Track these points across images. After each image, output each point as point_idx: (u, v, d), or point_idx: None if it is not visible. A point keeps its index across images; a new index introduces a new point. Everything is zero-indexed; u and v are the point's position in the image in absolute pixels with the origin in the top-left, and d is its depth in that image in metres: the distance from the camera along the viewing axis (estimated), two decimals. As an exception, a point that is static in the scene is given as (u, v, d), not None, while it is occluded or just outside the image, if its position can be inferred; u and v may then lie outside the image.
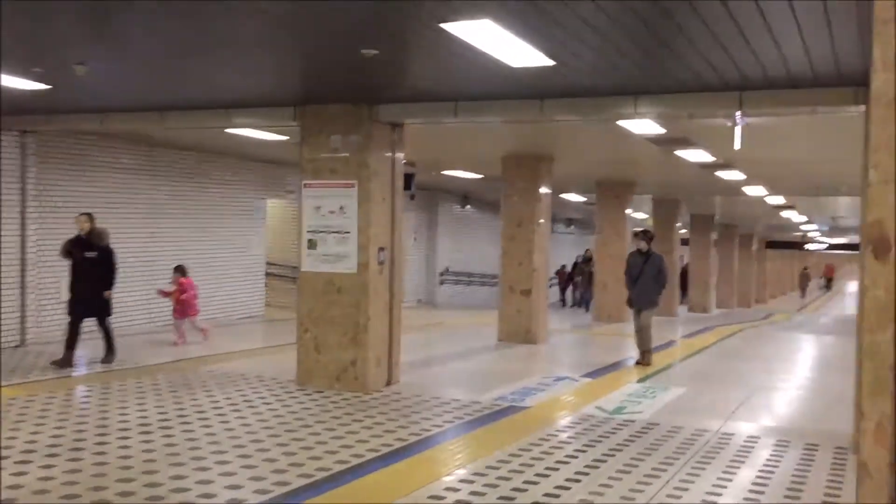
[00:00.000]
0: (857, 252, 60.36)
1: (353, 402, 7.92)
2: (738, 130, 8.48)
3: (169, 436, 6.42)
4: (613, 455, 6.25)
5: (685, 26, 5.14)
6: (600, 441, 6.67)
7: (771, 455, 6.44)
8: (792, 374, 11.45)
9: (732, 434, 7.09)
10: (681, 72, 6.38)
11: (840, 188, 17.14)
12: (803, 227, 32.52)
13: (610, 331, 16.16)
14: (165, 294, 11.80)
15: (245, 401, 7.79)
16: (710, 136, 10.20)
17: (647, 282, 10.72)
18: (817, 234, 36.74)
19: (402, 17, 5.31)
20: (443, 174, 17.22)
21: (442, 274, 22.34)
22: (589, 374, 10.07)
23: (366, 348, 8.46)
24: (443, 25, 5.27)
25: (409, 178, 16.78)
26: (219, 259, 14.89)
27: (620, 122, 9.06)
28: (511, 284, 13.17)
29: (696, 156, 11.94)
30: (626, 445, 6.56)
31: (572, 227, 32.79)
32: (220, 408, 7.45)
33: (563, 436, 6.84)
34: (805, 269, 52.99)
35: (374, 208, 8.50)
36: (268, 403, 7.72)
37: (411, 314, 15.86)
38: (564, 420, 7.50)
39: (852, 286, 65.36)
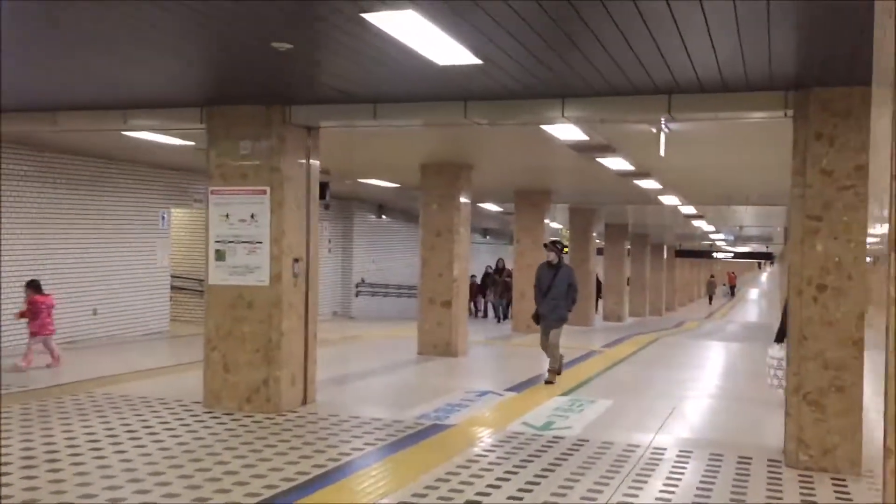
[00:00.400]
0: (758, 260, 62.29)
1: (265, 424, 7.34)
2: (662, 137, 8.35)
3: (56, 469, 5.72)
4: (546, 476, 5.90)
5: (621, 22, 4.85)
6: (531, 461, 6.31)
7: (707, 470, 6.21)
8: (712, 383, 11.42)
9: (664, 448, 6.85)
10: (611, 73, 6.11)
11: (750, 197, 17.47)
12: (712, 237, 33.31)
13: (529, 341, 15.88)
14: (21, 316, 10.53)
15: (145, 427, 7.11)
16: (633, 143, 10.06)
17: (557, 296, 9.98)
18: (724, 243, 37.78)
19: (320, 6, 4.85)
20: (358, 182, 16.72)
21: (358, 285, 21.77)
22: (513, 388, 9.75)
23: (279, 366, 7.90)
24: (364, 16, 4.84)
25: (323, 187, 16.27)
26: (118, 272, 13.98)
27: (544, 128, 8.78)
28: (431, 296, 12.77)
29: (616, 164, 11.82)
30: (559, 465, 6.22)
31: (488, 236, 32.70)
32: (117, 436, 6.76)
33: (493, 456, 6.46)
34: (712, 276, 54.60)
35: (288, 217, 7.97)
36: (171, 429, 7.06)
37: (327, 327, 15.25)
38: (492, 438, 7.11)
39: (753, 293, 67.84)
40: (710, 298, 53.18)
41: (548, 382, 10.01)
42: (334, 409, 8.10)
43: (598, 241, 25.50)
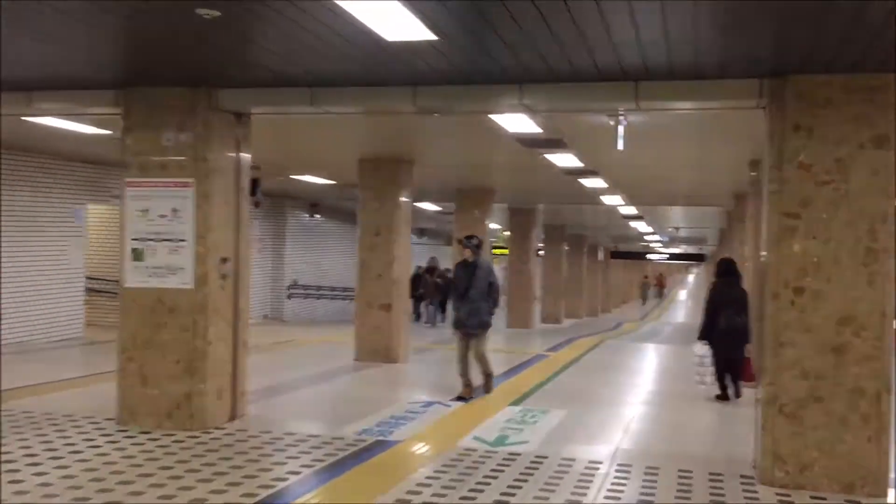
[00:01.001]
0: (686, 262, 63.10)
1: (188, 444, 6.55)
2: (621, 130, 7.86)
3: (-65, 507, 4.86)
4: (507, 501, 5.28)
5: (599, -10, 4.28)
6: (488, 483, 5.69)
7: (679, 490, 5.69)
8: (664, 389, 10.99)
9: (629, 465, 6.32)
10: (578, 54, 5.54)
11: (692, 197, 17.26)
12: (647, 238, 33.38)
13: (471, 345, 15.33)
14: None
15: (48, 449, 6.23)
16: (586, 137, 9.56)
17: (477, 298, 8.85)
18: (659, 244, 37.99)
19: (251, -38, 4.15)
20: (291, 179, 15.88)
21: (290, 287, 20.87)
22: (460, 397, 9.11)
23: (204, 378, 7.10)
24: (304, -25, 4.15)
25: (254, 183, 15.34)
26: (26, 273, 12.87)
27: (495, 118, 8.20)
28: (369, 299, 12.06)
29: (565, 160, 11.33)
30: (519, 487, 5.62)
31: (425, 237, 32.07)
32: (14, 461, 5.87)
33: (445, 478, 5.81)
34: (645, 277, 55.14)
35: (215, 212, 7.19)
36: (77, 452, 6.20)
37: (257, 331, 14.37)
38: (443, 457, 6.46)
39: (682, 294, 68.83)
40: (644, 299, 53.68)
41: (486, 392, 9.23)
42: (266, 424, 7.34)
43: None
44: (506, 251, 27.45)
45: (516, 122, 8.45)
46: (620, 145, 8.10)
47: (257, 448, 6.51)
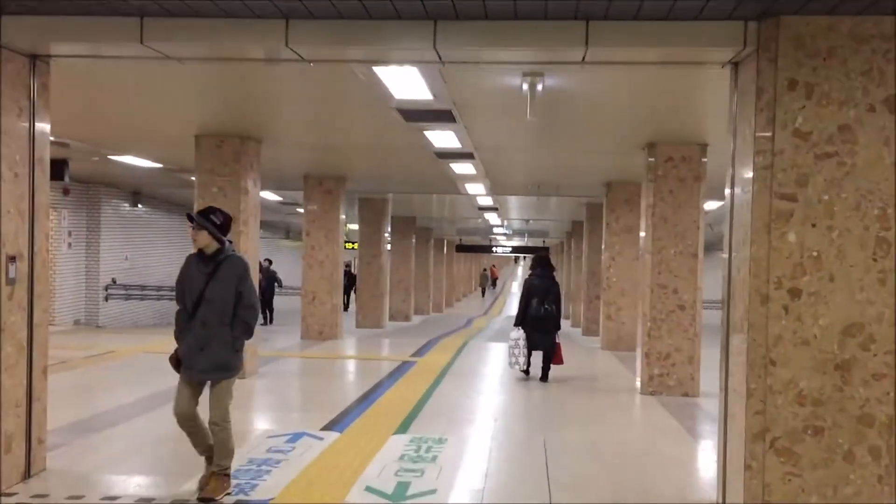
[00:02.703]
0: (515, 255, 63.74)
1: (-47, 530, 4.47)
2: (537, 93, 6.49)
3: None
4: None
5: None
6: (408, 569, 4.07)
7: (657, 559, 4.33)
8: (561, 399, 9.75)
9: (575, 519, 4.91)
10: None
11: (560, 188, 16.32)
12: (495, 231, 32.70)
13: (326, 351, 13.58)
14: None
15: None
16: (480, 108, 8.12)
17: (217, 313, 5.17)
18: (504, 237, 37.50)
19: None
20: (108, 161, 13.38)
21: (107, 287, 18.11)
22: (332, 425, 7.40)
23: (-18, 426, 5.01)
24: None
25: (61, 165, 12.78)
26: None
27: (381, 75, 6.55)
28: (209, 302, 10.01)
29: (443, 139, 9.82)
30: (451, 573, 4.04)
31: (261, 230, 29.69)
32: None
33: (345, 565, 4.13)
34: (484, 269, 55.11)
35: (-3, 190, 5.10)
36: None
37: (67, 341, 11.93)
38: (332, 524, 4.76)
39: (515, 286, 69.86)
40: (483, 291, 53.59)
41: (205, 500, 5.05)
42: (76, 483, 5.34)
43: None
44: (351, 245, 25.85)
45: (406, 86, 6.85)
46: (529, 114, 6.71)
47: (62, 528, 4.53)
